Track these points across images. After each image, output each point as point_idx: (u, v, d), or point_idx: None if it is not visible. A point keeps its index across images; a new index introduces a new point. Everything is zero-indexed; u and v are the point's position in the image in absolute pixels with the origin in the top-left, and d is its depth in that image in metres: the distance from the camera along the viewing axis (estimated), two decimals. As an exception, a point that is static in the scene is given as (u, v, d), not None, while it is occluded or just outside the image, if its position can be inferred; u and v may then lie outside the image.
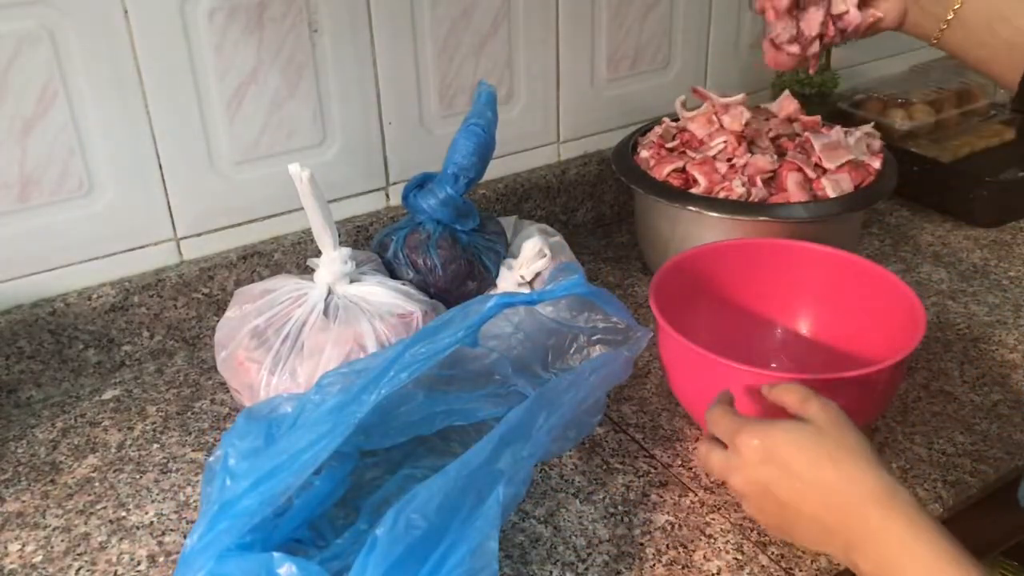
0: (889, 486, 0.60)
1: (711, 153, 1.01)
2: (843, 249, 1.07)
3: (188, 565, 0.62)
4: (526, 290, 0.96)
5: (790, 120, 1.08)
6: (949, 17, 0.75)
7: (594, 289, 0.82)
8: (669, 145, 1.06)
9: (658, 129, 1.10)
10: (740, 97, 1.07)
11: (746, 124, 1.03)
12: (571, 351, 0.88)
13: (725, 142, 1.01)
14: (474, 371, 0.84)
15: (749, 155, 1.01)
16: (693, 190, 1.00)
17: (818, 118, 1.08)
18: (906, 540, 0.57)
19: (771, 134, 1.05)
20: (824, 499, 0.61)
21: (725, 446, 0.67)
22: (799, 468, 0.62)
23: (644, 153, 1.06)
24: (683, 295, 0.86)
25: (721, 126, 1.04)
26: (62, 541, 0.77)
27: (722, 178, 0.99)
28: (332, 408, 0.69)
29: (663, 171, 1.01)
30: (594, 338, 0.88)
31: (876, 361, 0.75)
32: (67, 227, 0.93)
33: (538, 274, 0.97)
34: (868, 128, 1.07)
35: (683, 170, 1.01)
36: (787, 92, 1.10)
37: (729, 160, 1.01)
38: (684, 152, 1.04)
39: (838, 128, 1.07)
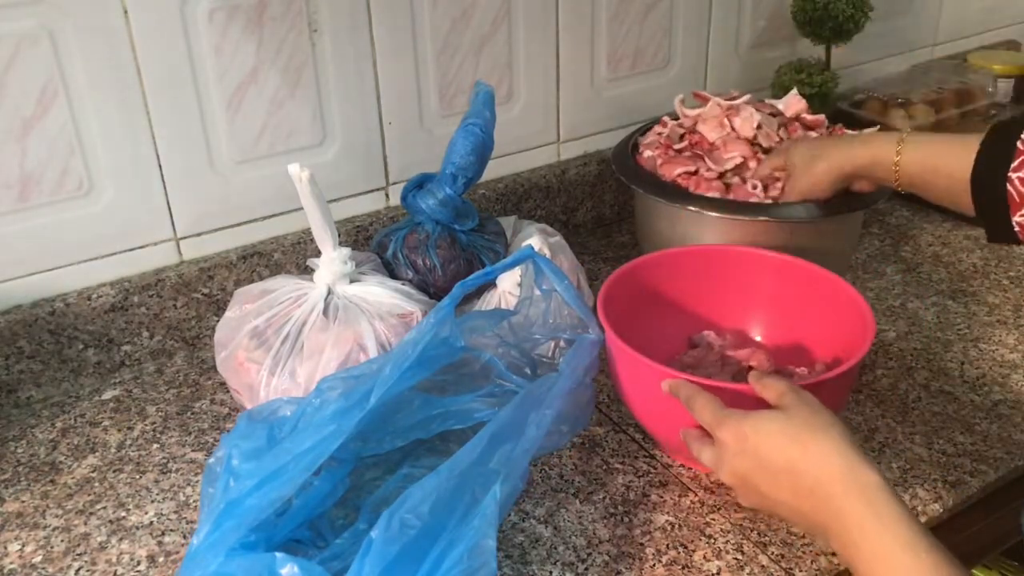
0: (853, 467, 0.60)
1: (726, 167, 1.00)
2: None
3: (196, 562, 0.62)
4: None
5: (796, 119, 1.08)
6: (896, 184, 0.88)
7: (545, 259, 0.83)
8: (677, 146, 1.05)
9: (660, 129, 1.10)
10: (746, 97, 1.07)
11: (758, 127, 1.02)
12: (556, 358, 0.88)
13: (743, 159, 1.00)
14: (469, 374, 0.84)
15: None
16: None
17: (822, 118, 1.08)
18: (864, 523, 0.58)
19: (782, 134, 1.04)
20: (794, 484, 0.62)
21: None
22: (769, 456, 0.63)
23: (648, 153, 1.06)
24: (634, 303, 0.87)
25: (733, 129, 1.04)
26: (62, 541, 0.77)
27: (730, 189, 0.99)
28: (334, 411, 0.69)
29: (672, 171, 1.01)
30: (565, 335, 0.88)
31: (829, 365, 0.75)
32: (67, 227, 0.93)
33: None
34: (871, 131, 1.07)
35: (694, 173, 1.01)
36: (795, 91, 1.09)
37: (740, 171, 1.00)
38: (697, 155, 1.03)
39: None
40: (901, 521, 0.57)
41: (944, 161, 0.83)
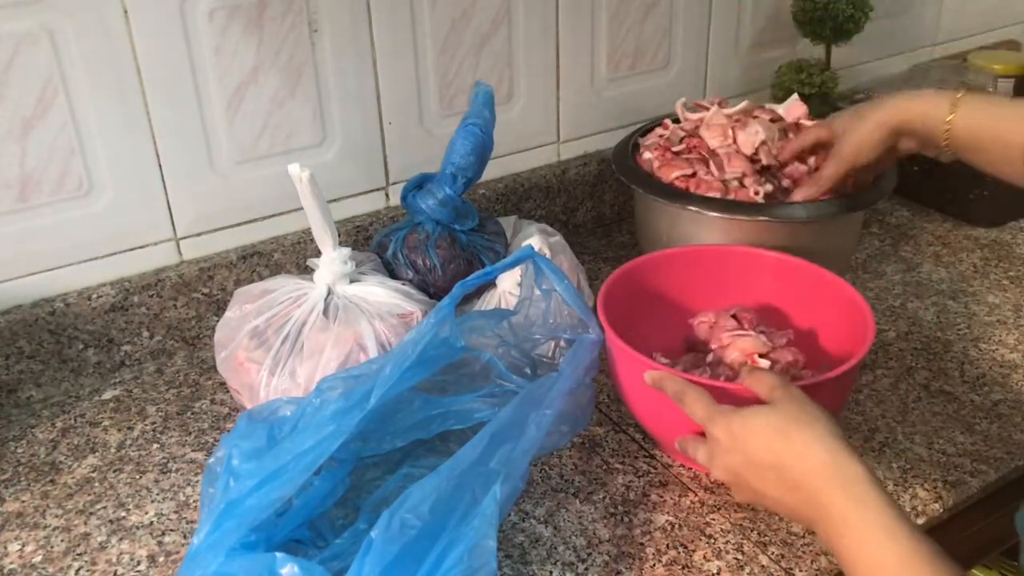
0: (836, 459, 0.60)
1: (726, 177, 1.00)
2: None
3: (196, 562, 0.62)
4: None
5: (796, 125, 1.07)
6: (944, 143, 0.84)
7: (545, 259, 0.83)
8: (675, 148, 1.05)
9: (661, 131, 1.10)
10: (743, 104, 1.07)
11: (761, 143, 1.02)
12: (556, 358, 0.88)
13: (742, 174, 1.00)
14: (469, 374, 0.84)
15: (761, 178, 1.01)
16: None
17: None
18: (846, 514, 0.58)
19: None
20: (781, 479, 0.62)
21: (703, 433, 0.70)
22: (756, 452, 0.64)
23: (647, 154, 1.06)
24: (634, 303, 0.87)
25: (735, 141, 1.03)
26: (62, 541, 0.77)
27: (730, 189, 0.99)
28: (334, 411, 0.69)
29: (670, 174, 1.01)
30: (565, 335, 0.88)
31: (829, 365, 0.75)
32: (67, 227, 0.93)
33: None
34: None
35: (692, 176, 1.01)
36: (796, 96, 1.09)
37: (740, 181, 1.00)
38: (697, 159, 1.03)
39: None
40: (882, 510, 0.57)
41: (1003, 126, 0.80)
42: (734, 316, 0.88)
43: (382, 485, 0.78)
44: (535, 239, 0.97)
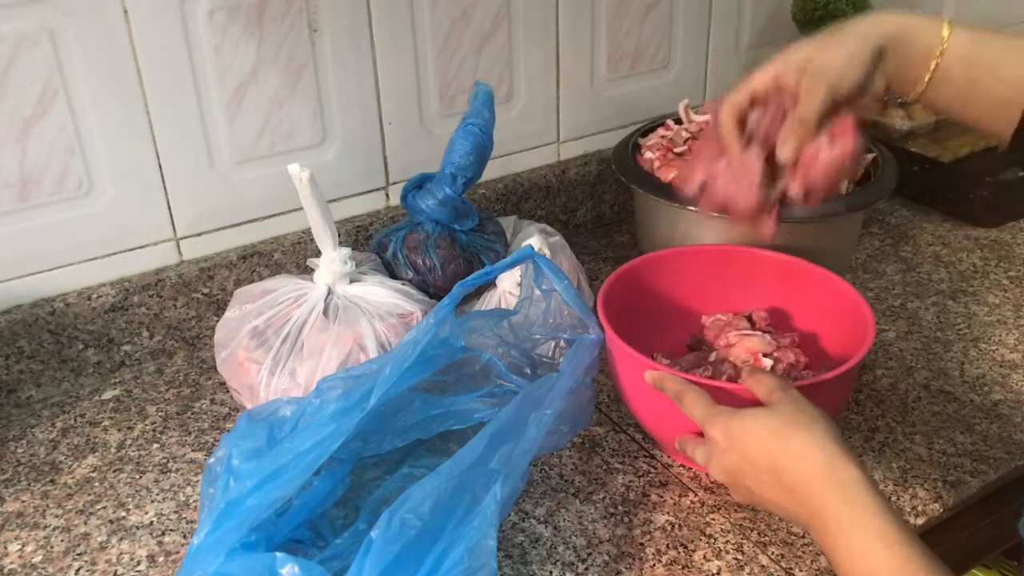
0: (833, 463, 0.60)
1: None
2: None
3: (196, 562, 0.62)
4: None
5: None
6: (927, 78, 0.70)
7: (545, 259, 0.83)
8: (677, 149, 1.05)
9: (663, 131, 1.10)
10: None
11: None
12: (556, 358, 0.88)
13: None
14: (469, 374, 0.84)
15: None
16: None
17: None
18: (840, 517, 0.58)
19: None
20: (777, 481, 0.62)
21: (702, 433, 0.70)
22: (753, 455, 0.64)
23: (649, 155, 1.06)
24: (634, 303, 0.87)
25: None
26: (62, 541, 0.77)
27: None
28: (334, 411, 0.69)
29: (670, 174, 1.01)
30: (565, 335, 0.88)
31: (829, 365, 0.76)
32: (67, 227, 0.93)
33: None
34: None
35: None
36: None
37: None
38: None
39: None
40: (876, 514, 0.57)
41: (1007, 57, 0.68)
42: (748, 317, 0.88)
43: (382, 485, 0.78)
44: (535, 239, 0.97)
